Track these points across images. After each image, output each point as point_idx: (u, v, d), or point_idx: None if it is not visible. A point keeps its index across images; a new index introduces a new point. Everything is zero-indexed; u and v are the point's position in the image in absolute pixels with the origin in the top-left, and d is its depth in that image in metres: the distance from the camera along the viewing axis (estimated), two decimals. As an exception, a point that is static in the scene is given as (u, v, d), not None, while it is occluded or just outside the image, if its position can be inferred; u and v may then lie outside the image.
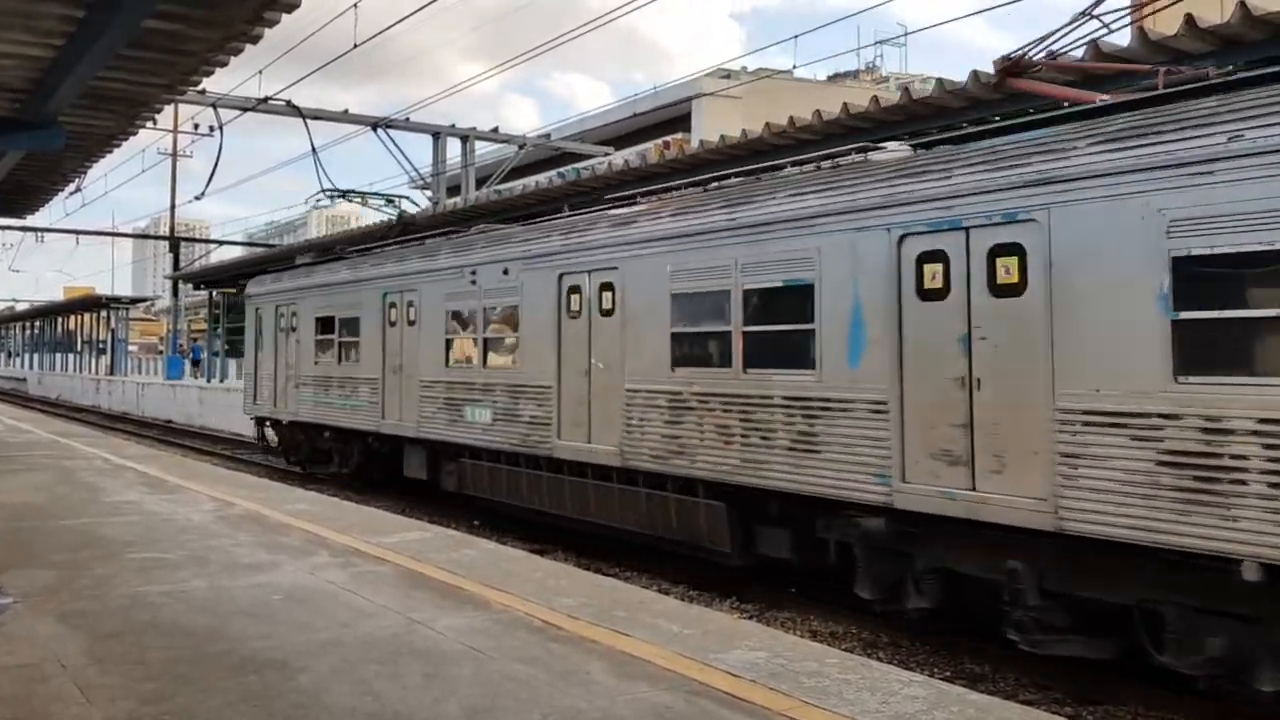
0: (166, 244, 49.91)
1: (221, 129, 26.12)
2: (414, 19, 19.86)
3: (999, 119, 10.12)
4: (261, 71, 24.67)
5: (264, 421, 21.89)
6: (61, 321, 70.91)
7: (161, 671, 5.38)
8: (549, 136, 35.09)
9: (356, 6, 21.54)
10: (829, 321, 9.16)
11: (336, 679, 5.29)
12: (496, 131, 33.01)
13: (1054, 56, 8.92)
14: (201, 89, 18.19)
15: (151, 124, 16.19)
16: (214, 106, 25.79)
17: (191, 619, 6.49)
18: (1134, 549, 6.99)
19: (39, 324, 76.93)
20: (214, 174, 27.40)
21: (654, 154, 17.55)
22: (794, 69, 33.91)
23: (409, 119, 29.56)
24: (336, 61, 21.13)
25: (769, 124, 14.18)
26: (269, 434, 21.92)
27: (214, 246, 51.86)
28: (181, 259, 50.62)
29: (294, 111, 25.69)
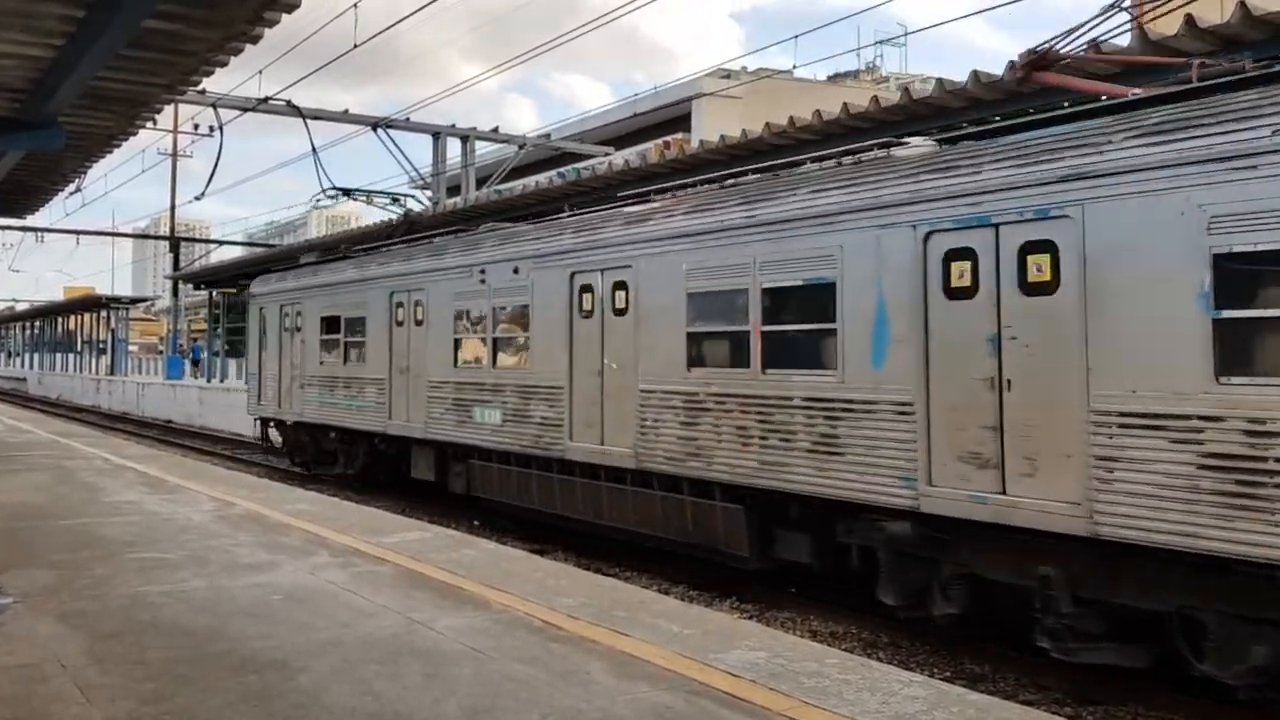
0: (166, 244, 49.95)
1: (221, 129, 26.15)
2: (414, 19, 19.84)
3: (999, 119, 10.04)
4: (261, 72, 24.68)
5: (268, 422, 21.66)
6: (61, 321, 70.91)
7: (161, 671, 5.38)
8: (549, 136, 35.08)
9: (356, 6, 21.53)
10: (852, 321, 8.95)
11: (336, 679, 5.29)
12: (496, 131, 33.00)
13: (1097, 47, 8.68)
14: (201, 89, 18.17)
15: (151, 124, 16.18)
16: (214, 106, 25.79)
17: (191, 619, 6.47)
18: (1173, 554, 6.78)
19: (39, 324, 76.93)
20: (214, 174, 27.42)
21: (654, 154, 17.55)
22: (794, 69, 33.93)
23: (409, 119, 29.56)
24: (336, 61, 21.08)
25: (769, 124, 14.19)
26: (273, 435, 21.68)
27: (214, 246, 51.90)
28: (181, 259, 50.64)
29: (294, 111, 25.68)
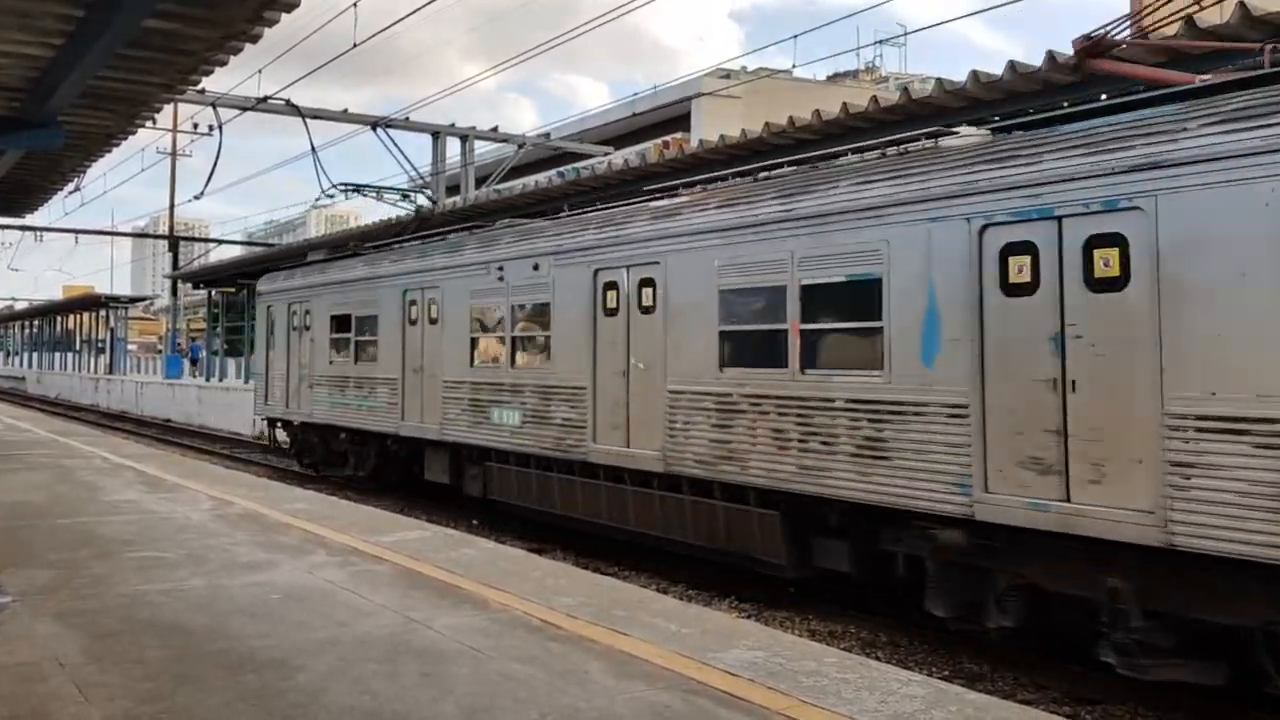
0: (165, 243, 49.96)
1: (221, 128, 26.14)
2: (413, 19, 19.79)
3: (999, 118, 10.04)
4: (261, 71, 24.66)
5: (275, 423, 21.35)
6: (60, 320, 70.91)
7: (160, 670, 5.37)
8: (548, 136, 35.07)
9: (356, 6, 21.50)
10: (899, 318, 8.54)
11: (334, 678, 5.27)
12: (496, 131, 33.01)
13: (1145, 34, 8.34)
14: (201, 88, 18.15)
15: (151, 123, 16.22)
16: (213, 106, 25.78)
17: (190, 618, 6.46)
18: (1258, 566, 6.35)
19: (38, 323, 76.93)
20: (213, 173, 27.38)
21: (654, 153, 17.55)
22: (793, 69, 33.94)
23: (408, 118, 29.53)
24: (336, 61, 21.04)
25: (768, 123, 14.20)
26: (280, 435, 21.38)
27: (213, 246, 51.88)
28: (180, 258, 50.63)
29: (293, 111, 25.66)
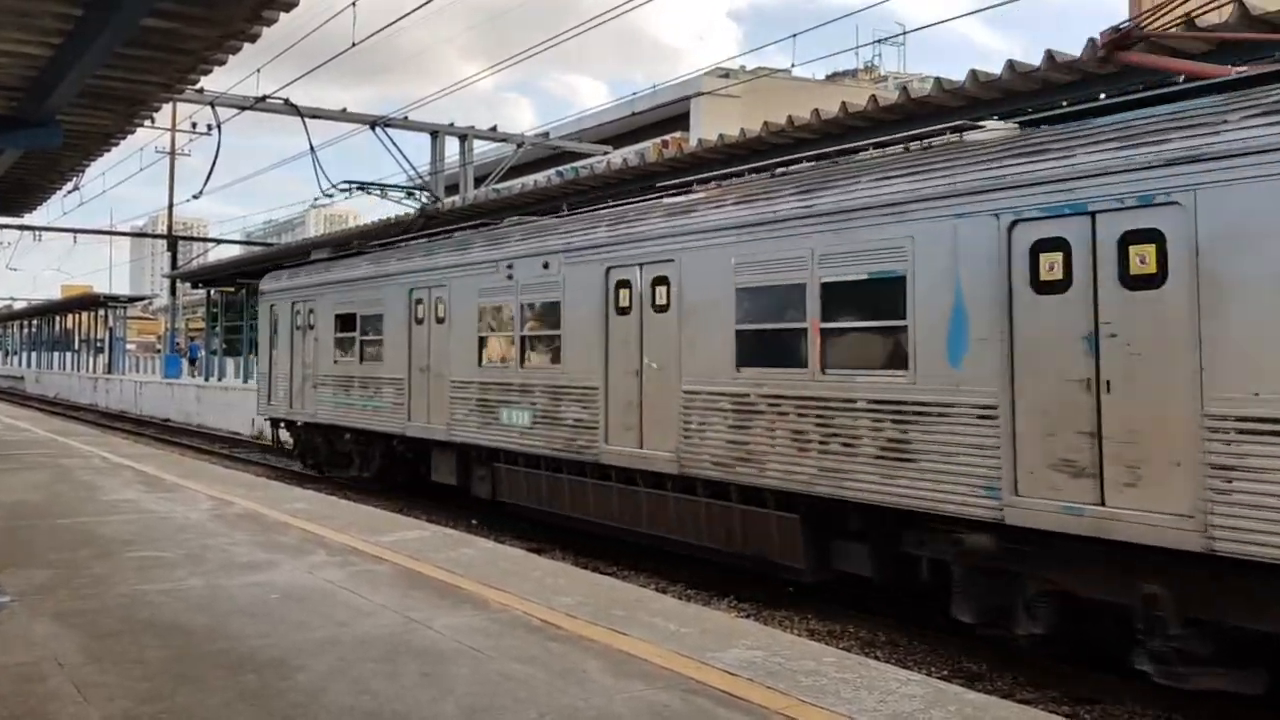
0: (164, 242, 49.96)
1: (219, 127, 26.06)
2: (412, 18, 19.85)
3: (997, 117, 10.03)
4: (260, 70, 24.64)
5: (278, 423, 21.22)
6: (59, 320, 70.88)
7: (159, 670, 5.37)
8: (547, 135, 35.03)
9: (355, 5, 21.49)
10: (924, 317, 8.36)
11: (334, 678, 5.28)
12: (495, 130, 33.00)
13: (1191, 24, 8.17)
14: (199, 87, 18.10)
15: (149, 122, 16.24)
16: (212, 105, 25.72)
17: (189, 618, 6.46)
18: None
19: (36, 322, 76.89)
20: (212, 172, 27.26)
21: (653, 153, 17.52)
22: (792, 68, 33.87)
23: (407, 118, 29.47)
24: (334, 60, 21.02)
25: (767, 123, 14.19)
26: (283, 436, 21.22)
27: (212, 245, 51.87)
28: (179, 257, 50.61)
29: (292, 110, 25.62)
